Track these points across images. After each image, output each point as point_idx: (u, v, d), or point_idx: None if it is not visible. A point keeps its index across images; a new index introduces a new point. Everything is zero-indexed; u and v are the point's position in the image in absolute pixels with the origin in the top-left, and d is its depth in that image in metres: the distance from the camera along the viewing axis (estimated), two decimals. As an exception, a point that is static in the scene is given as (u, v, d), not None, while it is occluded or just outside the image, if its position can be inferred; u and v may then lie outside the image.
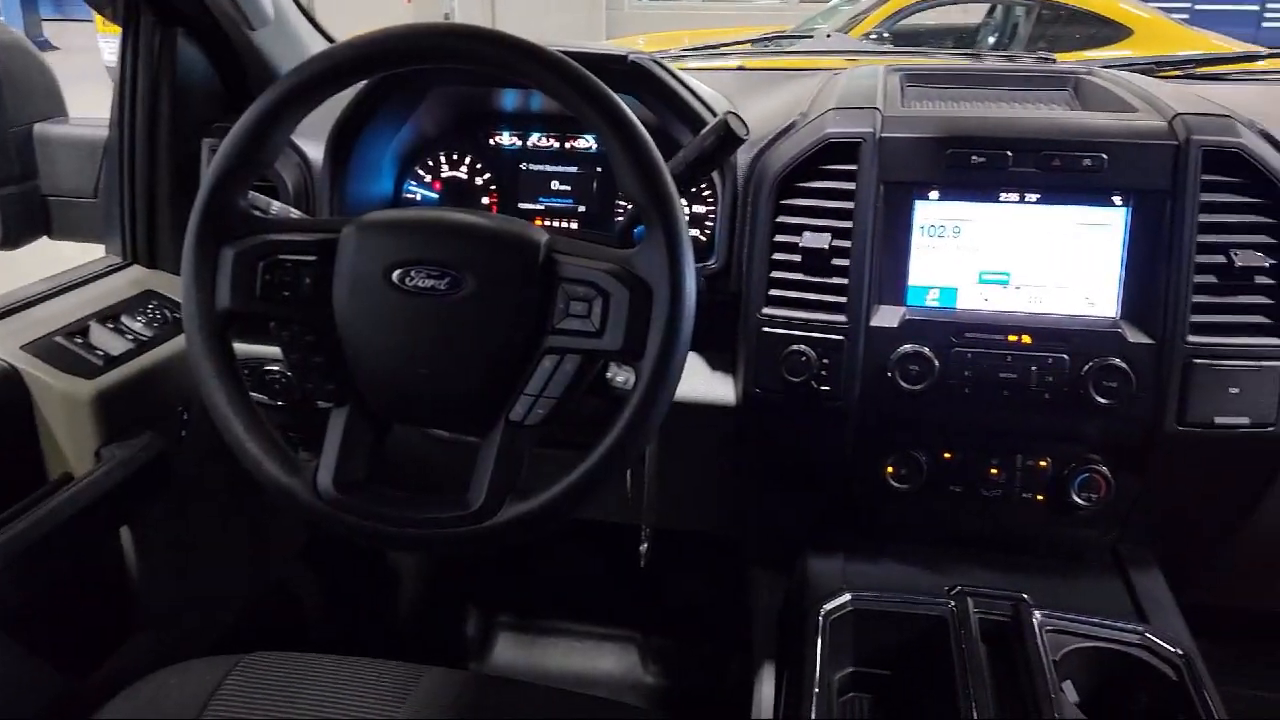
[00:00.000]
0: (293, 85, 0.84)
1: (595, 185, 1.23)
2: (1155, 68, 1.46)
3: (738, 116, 0.91)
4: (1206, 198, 0.99)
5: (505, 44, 0.82)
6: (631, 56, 1.10)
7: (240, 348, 1.24)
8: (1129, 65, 1.44)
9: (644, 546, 1.12)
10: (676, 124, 1.13)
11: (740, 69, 1.65)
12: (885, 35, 4.77)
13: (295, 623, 1.63)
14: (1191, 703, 0.89)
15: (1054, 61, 1.45)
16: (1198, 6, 8.36)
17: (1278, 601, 1.31)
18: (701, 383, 1.15)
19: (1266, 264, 0.98)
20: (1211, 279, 0.99)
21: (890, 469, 1.09)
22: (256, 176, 0.89)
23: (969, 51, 1.59)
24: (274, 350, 1.21)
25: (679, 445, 1.15)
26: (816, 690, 0.91)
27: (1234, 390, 0.99)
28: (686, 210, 1.20)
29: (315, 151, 1.20)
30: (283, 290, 0.85)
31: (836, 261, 1.04)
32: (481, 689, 1.00)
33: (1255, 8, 8.46)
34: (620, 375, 0.94)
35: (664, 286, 0.80)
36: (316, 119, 1.15)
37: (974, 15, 6.02)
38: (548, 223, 1.24)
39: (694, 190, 1.20)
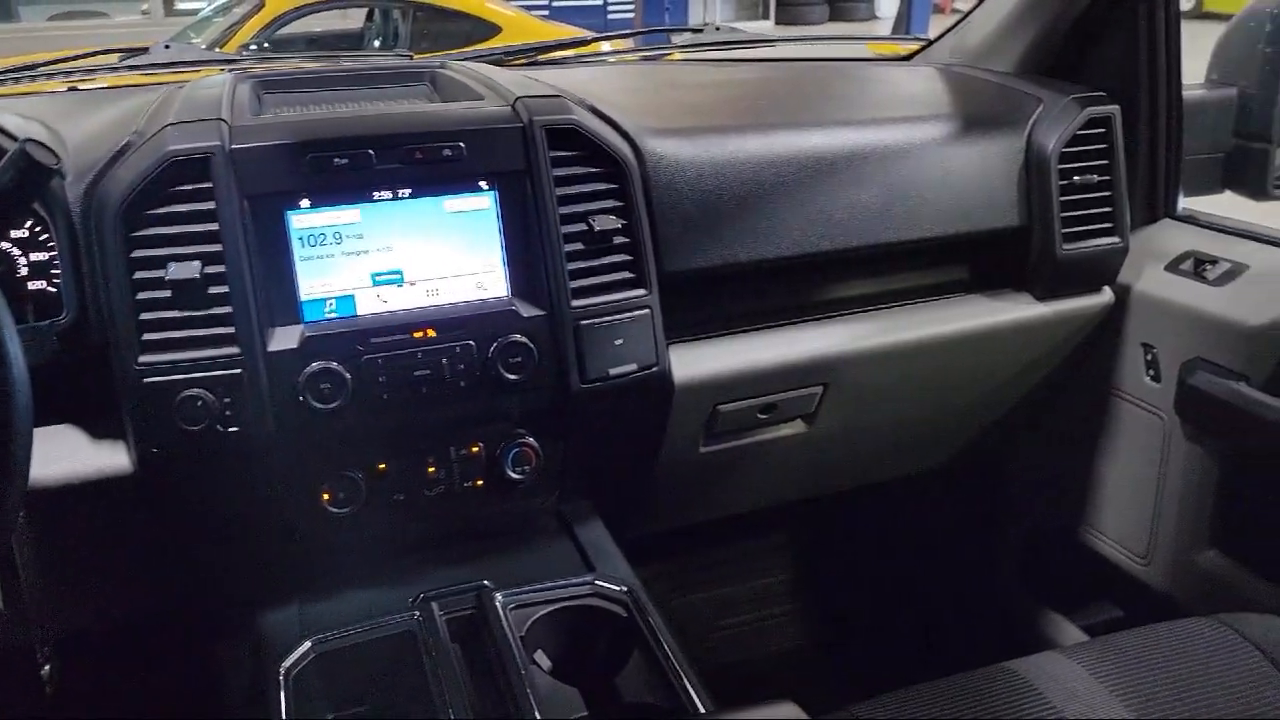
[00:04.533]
0: None
1: None
2: (505, 57, 1.56)
3: (39, 143, 0.76)
4: (559, 172, 1.06)
5: None
6: (-118, 84, 0.88)
7: None
8: (480, 56, 1.51)
9: (46, 668, 0.92)
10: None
11: (72, 90, 1.44)
12: (265, 46, 4.59)
13: None
14: (640, 630, 0.97)
15: (411, 58, 1.48)
16: (555, 3, 9.36)
17: (692, 516, 1.50)
18: (84, 457, 0.97)
19: (619, 225, 1.08)
20: (580, 246, 1.07)
21: (326, 495, 1.03)
22: None
23: (326, 54, 1.56)
24: None
25: (73, 535, 0.97)
26: (287, 759, 0.83)
27: (619, 342, 1.09)
28: (23, 259, 1.00)
29: None
30: None
31: (213, 289, 0.94)
32: None
33: (600, 2, 9.71)
34: None
35: None
36: None
37: (356, 20, 6.07)
38: None
39: (27, 236, 1.00)
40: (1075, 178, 1.30)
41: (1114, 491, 1.48)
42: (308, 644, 0.94)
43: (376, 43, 5.34)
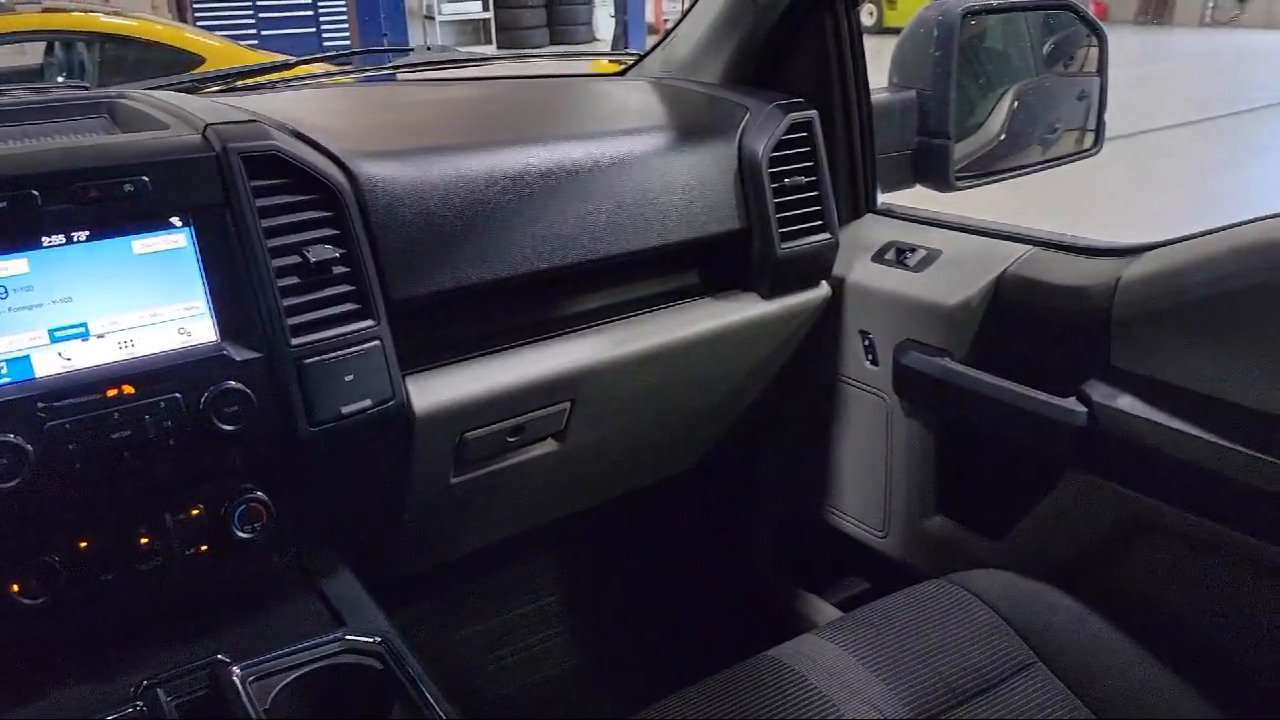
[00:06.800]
0: None
1: None
2: (198, 85, 1.44)
3: None
4: (263, 202, 0.98)
5: None
6: None
7: None
8: (169, 85, 1.39)
9: None
10: None
11: None
12: (-80, 84, 4.03)
13: None
14: (399, 680, 0.92)
15: (87, 89, 1.34)
16: (265, 32, 8.92)
17: (452, 551, 1.44)
18: None
19: (338, 254, 1.02)
20: (295, 280, 1.00)
21: (16, 586, 0.90)
22: None
23: (-19, 88, 1.38)
24: None
25: None
26: None
27: (349, 378, 1.02)
28: None
29: None
30: None
31: None
32: None
33: (314, 30, 9.34)
34: None
35: None
36: None
37: (35, 55, 5.48)
38: None
39: None
40: (785, 180, 1.37)
41: (851, 472, 1.57)
42: (1, 764, 0.82)
43: (60, 78, 4.85)
